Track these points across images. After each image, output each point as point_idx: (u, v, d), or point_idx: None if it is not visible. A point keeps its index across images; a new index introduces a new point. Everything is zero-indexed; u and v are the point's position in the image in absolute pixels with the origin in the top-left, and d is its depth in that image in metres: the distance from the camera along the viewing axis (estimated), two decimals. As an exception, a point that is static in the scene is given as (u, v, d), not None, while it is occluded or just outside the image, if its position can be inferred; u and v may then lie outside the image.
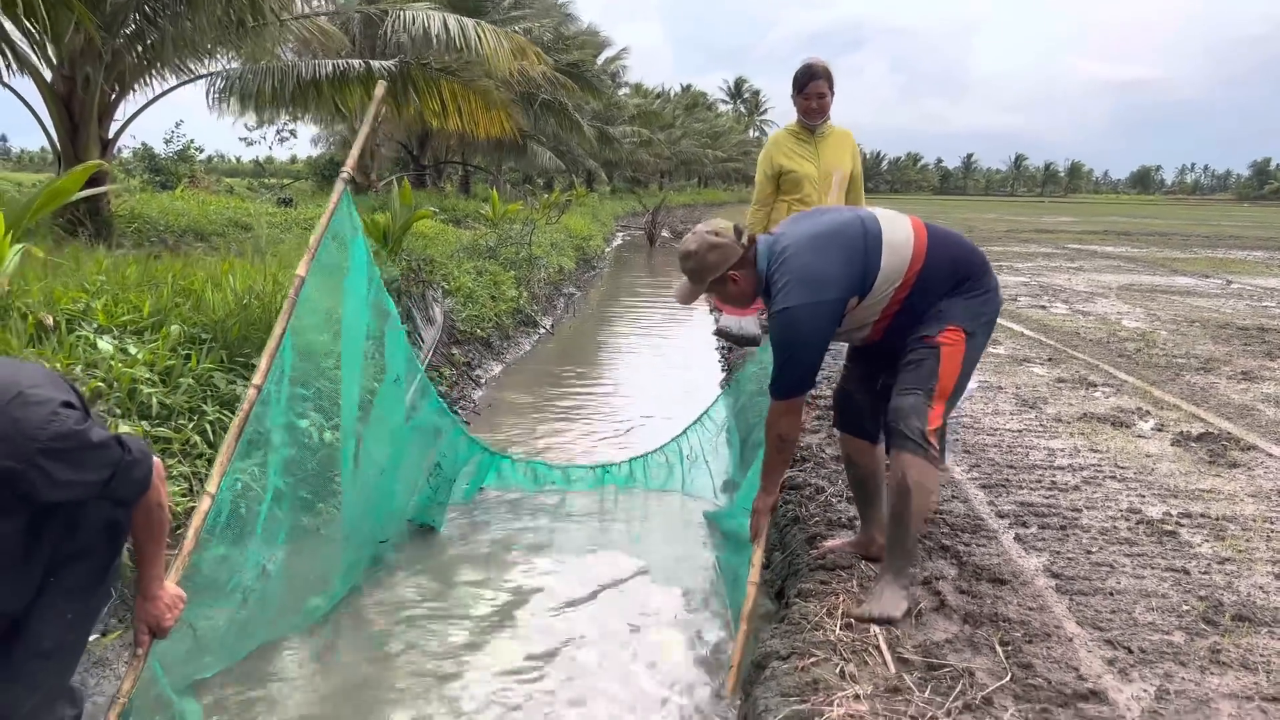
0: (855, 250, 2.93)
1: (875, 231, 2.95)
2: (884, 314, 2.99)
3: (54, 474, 1.87)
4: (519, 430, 6.08)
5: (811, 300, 2.89)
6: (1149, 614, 2.88)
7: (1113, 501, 3.91)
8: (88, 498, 2.04)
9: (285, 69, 10.24)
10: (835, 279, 2.90)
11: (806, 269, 2.91)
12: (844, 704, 2.31)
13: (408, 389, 4.00)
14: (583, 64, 25.05)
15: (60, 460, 1.87)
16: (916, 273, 2.92)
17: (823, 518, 3.75)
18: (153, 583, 2.35)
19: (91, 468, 1.95)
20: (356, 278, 3.48)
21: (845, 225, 3.00)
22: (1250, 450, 4.65)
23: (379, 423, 3.82)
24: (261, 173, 29.58)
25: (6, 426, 1.82)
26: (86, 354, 3.59)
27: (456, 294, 8.18)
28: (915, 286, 2.93)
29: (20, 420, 1.84)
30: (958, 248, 3.04)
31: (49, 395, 1.92)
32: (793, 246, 2.98)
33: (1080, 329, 8.51)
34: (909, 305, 2.95)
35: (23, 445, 1.83)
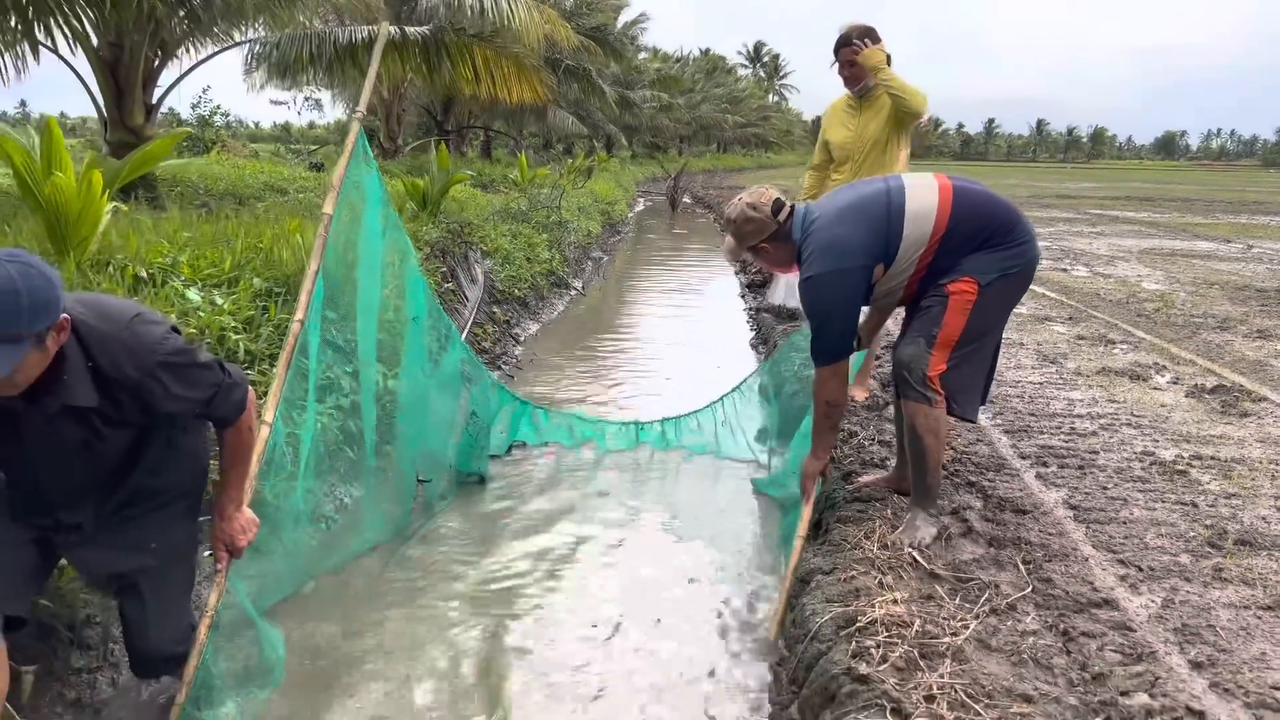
0: (879, 221, 3.06)
1: (899, 203, 3.07)
2: (913, 278, 3.13)
3: (169, 386, 2.14)
4: (557, 385, 6.38)
5: (835, 268, 3.06)
6: (1159, 539, 3.17)
7: (1128, 445, 4.18)
8: (192, 413, 2.30)
9: (322, 35, 10.46)
10: (858, 248, 3.05)
11: (831, 239, 3.08)
12: (883, 606, 2.61)
13: (432, 332, 4.13)
14: (605, 28, 25.10)
15: (174, 373, 2.14)
16: (940, 238, 3.04)
17: (856, 458, 4.04)
18: (229, 504, 2.55)
19: (199, 385, 2.21)
20: (372, 213, 3.54)
21: (871, 197, 3.13)
22: (1261, 401, 4.89)
23: (404, 361, 4.01)
24: (287, 138, 29.88)
25: (130, 341, 2.09)
26: (179, 304, 3.91)
27: (494, 255, 8.47)
28: (940, 250, 3.06)
29: (141, 335, 2.11)
30: (985, 206, 3.10)
31: (161, 319, 2.21)
32: (821, 219, 3.16)
33: (1100, 290, 8.72)
34: (935, 267, 3.08)
35: (145, 358, 2.09)
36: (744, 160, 67.56)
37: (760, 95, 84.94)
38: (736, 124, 67.34)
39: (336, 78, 12.58)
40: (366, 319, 3.67)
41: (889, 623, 2.54)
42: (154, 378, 2.12)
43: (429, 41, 10.42)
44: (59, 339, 1.95)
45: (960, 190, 3.10)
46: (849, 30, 4.44)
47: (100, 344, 2.06)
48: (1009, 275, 3.06)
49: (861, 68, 4.42)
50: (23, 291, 1.83)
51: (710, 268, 13.09)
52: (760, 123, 77.92)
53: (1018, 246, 3.07)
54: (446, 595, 3.41)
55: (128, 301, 2.25)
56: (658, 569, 3.66)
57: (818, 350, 3.21)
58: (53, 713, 2.55)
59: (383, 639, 3.10)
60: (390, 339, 4.09)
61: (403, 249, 3.92)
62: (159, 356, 2.12)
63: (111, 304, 2.17)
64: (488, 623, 3.21)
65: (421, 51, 10.55)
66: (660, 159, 42.57)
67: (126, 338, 2.09)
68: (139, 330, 2.12)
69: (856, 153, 4.59)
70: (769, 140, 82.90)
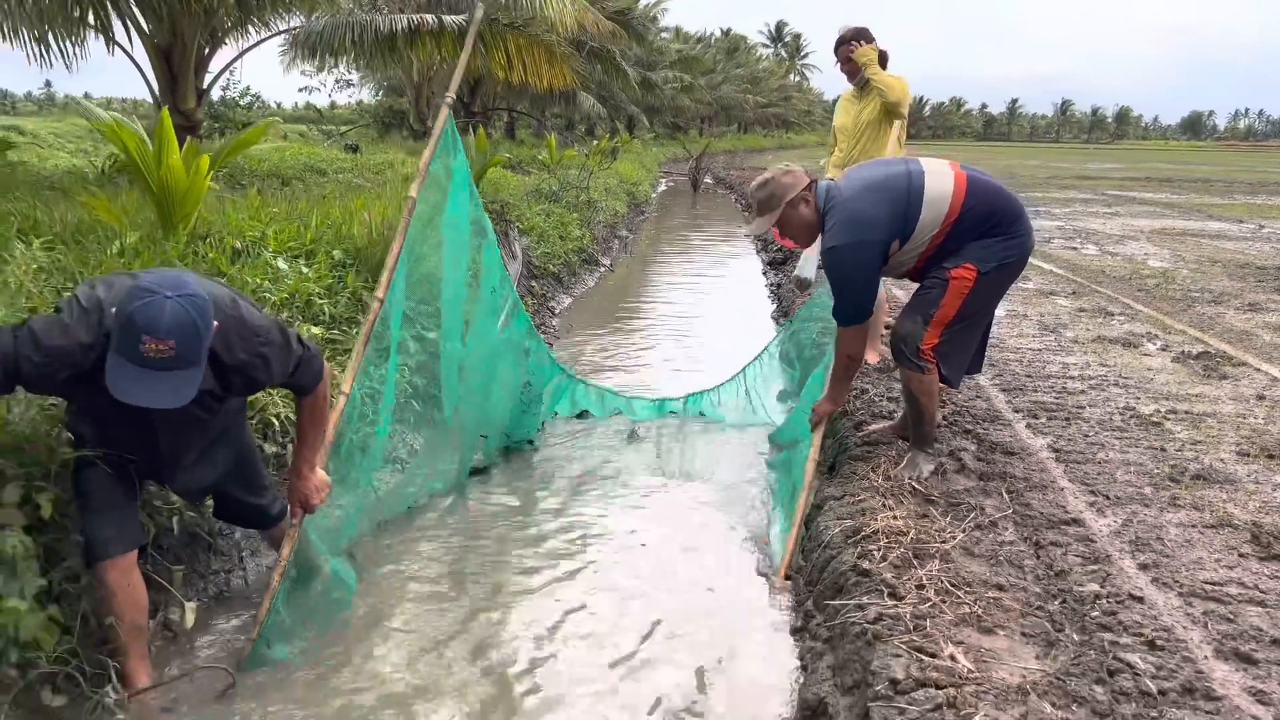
0: (899, 200, 3.34)
1: (919, 185, 3.35)
2: (922, 255, 3.45)
3: (271, 364, 2.50)
4: (592, 354, 6.92)
5: (856, 240, 3.35)
6: (1126, 475, 3.66)
7: (1112, 402, 4.67)
8: (280, 385, 2.67)
9: (364, 23, 10.99)
10: (879, 223, 3.33)
11: (855, 213, 3.36)
12: (884, 520, 3.14)
13: (502, 304, 4.49)
14: (628, 10, 25.48)
15: (272, 351, 2.50)
16: (953, 222, 3.34)
17: (868, 411, 4.55)
18: (305, 465, 2.82)
19: (289, 360, 2.57)
20: (459, 195, 3.85)
21: (894, 177, 3.41)
22: (1240, 366, 5.35)
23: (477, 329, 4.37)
24: (319, 119, 30.51)
25: (239, 326, 2.43)
26: (271, 271, 4.46)
27: (530, 233, 8.99)
28: (950, 234, 3.36)
29: (247, 321, 2.44)
30: (995, 198, 3.41)
31: (253, 302, 2.59)
32: (846, 192, 3.44)
33: (1106, 268, 9.14)
34: (943, 248, 3.40)
35: (251, 341, 2.45)
36: (765, 141, 67.64)
37: (781, 75, 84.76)
38: (757, 104, 67.42)
39: (375, 61, 13.13)
40: (451, 294, 4.05)
41: (888, 533, 3.06)
42: (259, 357, 2.45)
43: (465, 30, 10.92)
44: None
45: (973, 179, 3.41)
46: (846, 32, 5.15)
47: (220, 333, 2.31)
48: (1005, 265, 3.41)
49: (853, 65, 5.09)
50: (199, 322, 2.15)
51: (733, 245, 13.57)
52: (781, 103, 77.94)
53: (1017, 239, 3.41)
54: (502, 536, 3.95)
55: (219, 287, 2.52)
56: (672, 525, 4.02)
57: (839, 313, 3.54)
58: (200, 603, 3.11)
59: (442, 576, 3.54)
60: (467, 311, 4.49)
61: (484, 227, 4.28)
62: (261, 338, 2.45)
63: (213, 289, 2.41)
64: (552, 546, 3.76)
65: (458, 39, 11.06)
66: (682, 140, 42.86)
67: (236, 325, 2.40)
68: (244, 315, 2.44)
69: (853, 134, 5.20)
70: (789, 120, 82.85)
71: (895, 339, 3.54)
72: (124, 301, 2.14)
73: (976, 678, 2.27)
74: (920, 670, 2.30)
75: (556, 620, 3.20)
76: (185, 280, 2.19)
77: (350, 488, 3.57)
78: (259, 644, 2.82)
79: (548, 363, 5.12)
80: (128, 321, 2.10)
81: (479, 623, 3.18)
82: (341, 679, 2.82)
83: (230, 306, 2.41)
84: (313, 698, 2.73)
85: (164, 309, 2.09)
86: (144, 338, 2.08)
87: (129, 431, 2.49)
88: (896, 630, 2.52)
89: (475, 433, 4.56)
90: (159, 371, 2.12)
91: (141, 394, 2.13)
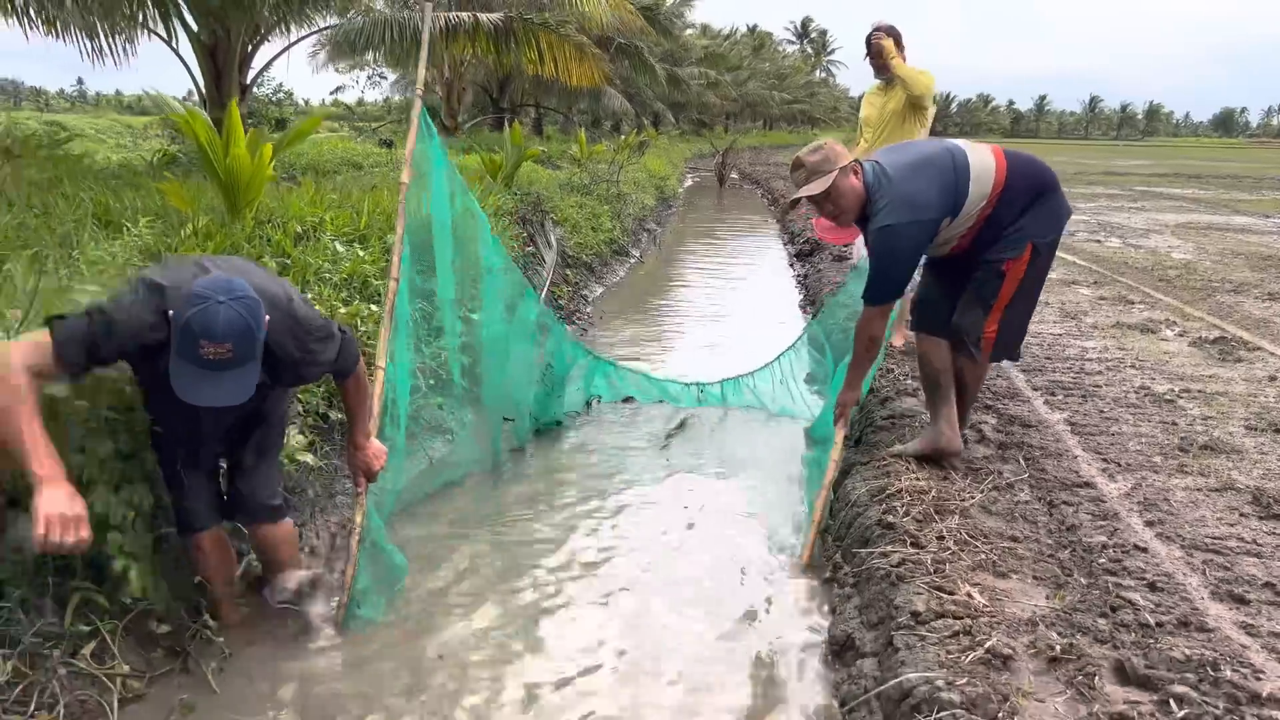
0: (948, 178, 3.38)
1: (964, 162, 3.41)
2: (970, 229, 3.46)
3: (318, 356, 2.65)
4: (624, 339, 7.18)
5: (912, 219, 3.36)
6: (1138, 446, 3.88)
7: (1128, 382, 4.87)
8: (326, 371, 2.82)
9: (402, 21, 11.30)
10: (932, 202, 3.36)
11: (909, 192, 3.36)
12: (908, 481, 3.37)
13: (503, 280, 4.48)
14: (656, 7, 25.74)
15: (320, 344, 2.61)
16: (998, 195, 3.38)
17: (892, 387, 4.78)
18: (360, 435, 2.98)
19: (333, 349, 2.66)
20: (438, 177, 3.87)
21: (938, 156, 3.46)
22: (1256, 350, 5.53)
23: (484, 312, 4.42)
24: (351, 115, 31.05)
25: (293, 324, 2.50)
26: (331, 254, 4.75)
27: (564, 224, 9.27)
28: (998, 206, 3.40)
29: (299, 318, 2.54)
30: (1033, 168, 3.48)
31: (302, 297, 2.72)
32: (895, 172, 3.43)
33: (1129, 259, 9.29)
34: (993, 219, 3.41)
35: (303, 338, 2.54)
36: (790, 137, 67.58)
37: (806, 71, 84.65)
38: (783, 101, 67.43)
39: (401, 59, 13.48)
40: (444, 271, 4.10)
41: (911, 492, 3.30)
42: (309, 351, 2.57)
43: (498, 29, 11.23)
44: None
45: (1010, 153, 3.52)
46: (879, 28, 5.37)
47: (272, 330, 2.40)
48: (1054, 238, 3.48)
49: (884, 57, 5.31)
50: (252, 324, 2.27)
51: (759, 238, 13.79)
52: (807, 99, 77.81)
53: (1058, 205, 3.47)
54: (541, 510, 4.22)
55: (272, 282, 2.60)
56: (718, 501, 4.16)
57: (874, 293, 3.51)
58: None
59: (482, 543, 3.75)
60: (471, 289, 4.59)
61: (471, 209, 4.27)
62: (313, 333, 2.57)
63: (269, 286, 2.51)
64: (585, 524, 4.03)
65: (491, 37, 11.36)
66: (707, 136, 43.06)
67: (289, 322, 2.50)
68: (297, 312, 2.55)
69: (878, 124, 5.44)
70: (815, 117, 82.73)
71: (958, 332, 3.54)
72: (181, 307, 2.25)
73: (990, 611, 2.51)
74: (939, 605, 2.54)
75: (606, 592, 3.42)
76: (237, 283, 2.30)
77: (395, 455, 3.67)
78: (351, 606, 3.01)
79: (568, 345, 5.18)
80: (185, 327, 2.22)
81: (535, 585, 3.45)
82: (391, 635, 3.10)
83: (285, 304, 2.53)
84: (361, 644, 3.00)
85: (218, 315, 2.22)
86: (202, 342, 2.21)
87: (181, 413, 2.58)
88: (918, 573, 2.76)
89: (498, 415, 4.62)
90: (219, 372, 2.27)
91: (205, 394, 2.29)
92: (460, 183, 4.16)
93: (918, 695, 2.20)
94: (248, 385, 2.33)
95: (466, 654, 2.91)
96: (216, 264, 2.54)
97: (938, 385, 3.65)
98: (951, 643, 2.38)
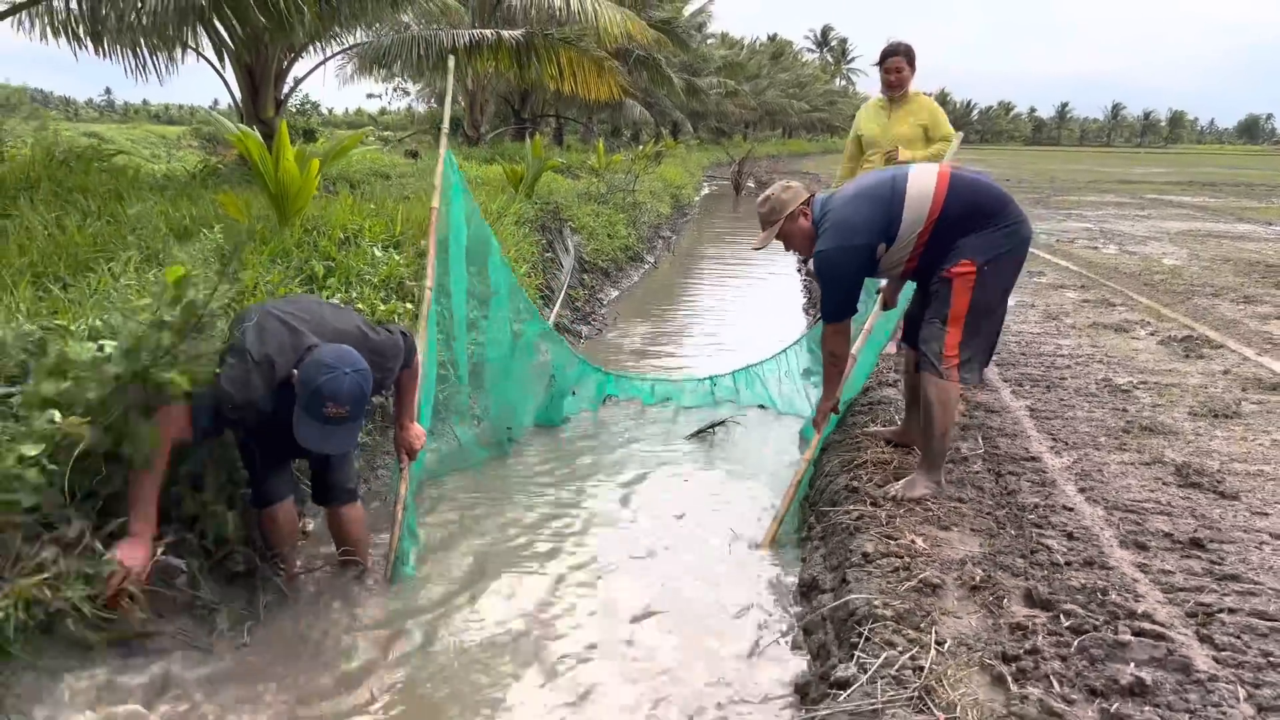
0: (882, 203, 3.52)
1: (901, 189, 3.51)
2: (913, 254, 3.58)
3: (392, 367, 3.18)
4: (637, 340, 7.70)
5: (842, 244, 3.55)
6: (1087, 428, 4.35)
7: (1092, 375, 5.33)
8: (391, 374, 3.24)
9: (429, 38, 11.90)
10: (860, 228, 3.53)
11: (841, 219, 3.57)
12: (873, 454, 3.87)
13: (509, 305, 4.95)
14: (674, 20, 26.32)
15: (394, 359, 3.17)
16: (935, 220, 3.46)
17: (874, 379, 5.27)
18: (405, 416, 3.52)
19: (400, 359, 3.22)
20: (456, 210, 4.39)
21: (878, 185, 3.60)
22: (1219, 348, 5.97)
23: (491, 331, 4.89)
24: (374, 125, 31.96)
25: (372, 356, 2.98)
26: (371, 258, 5.30)
27: (582, 231, 9.81)
28: (934, 231, 3.48)
29: (375, 348, 3.06)
30: (976, 192, 3.50)
31: (363, 319, 3.18)
32: (835, 201, 3.65)
33: (1120, 265, 9.72)
34: (932, 244, 3.51)
35: (381, 361, 3.07)
36: (809, 145, 68.07)
37: (826, 80, 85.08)
38: (802, 109, 67.85)
39: (435, 73, 14.09)
40: (458, 289, 4.61)
41: (876, 462, 3.81)
42: (387, 371, 3.15)
43: (520, 45, 11.81)
44: None
45: (955, 177, 3.52)
46: (900, 44, 5.44)
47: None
48: (1001, 256, 3.46)
49: (902, 77, 5.39)
50: (366, 390, 2.83)
51: (769, 246, 14.26)
52: (826, 107, 78.22)
53: (1007, 228, 3.46)
54: (551, 492, 4.75)
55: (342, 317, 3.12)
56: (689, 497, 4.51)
57: (824, 312, 3.75)
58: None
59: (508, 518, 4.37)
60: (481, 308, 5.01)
61: (484, 237, 4.74)
62: (388, 357, 3.13)
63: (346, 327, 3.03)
64: (590, 503, 4.55)
65: (513, 53, 11.94)
66: (725, 144, 43.60)
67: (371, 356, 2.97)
68: (373, 343, 3.06)
69: (884, 144, 5.48)
70: (834, 125, 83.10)
71: (918, 344, 3.63)
72: (312, 373, 2.78)
73: (928, 554, 3.01)
74: (886, 548, 3.05)
75: (609, 563, 3.98)
76: (352, 355, 2.85)
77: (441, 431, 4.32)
78: (397, 565, 3.53)
79: (574, 360, 5.56)
80: (316, 391, 2.76)
81: (541, 556, 3.98)
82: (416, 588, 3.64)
83: (363, 340, 3.04)
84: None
85: (344, 383, 2.78)
86: (327, 404, 2.77)
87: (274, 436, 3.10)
88: (872, 525, 3.27)
89: (502, 423, 5.07)
90: (337, 426, 2.84)
91: (325, 444, 2.89)
92: (476, 210, 4.67)
93: (860, 613, 2.71)
94: (355, 435, 2.96)
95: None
96: (298, 317, 3.00)
97: (915, 395, 3.90)
98: (892, 576, 2.88)
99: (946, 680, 2.31)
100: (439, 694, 2.90)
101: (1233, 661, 2.38)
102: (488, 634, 3.21)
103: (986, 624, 2.60)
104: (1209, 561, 2.95)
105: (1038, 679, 2.32)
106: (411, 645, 3.14)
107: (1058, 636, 2.50)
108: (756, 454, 5.10)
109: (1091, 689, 2.27)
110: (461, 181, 4.53)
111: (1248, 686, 2.27)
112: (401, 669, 3.01)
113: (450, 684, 2.94)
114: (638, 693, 2.89)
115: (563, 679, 2.97)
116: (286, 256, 4.90)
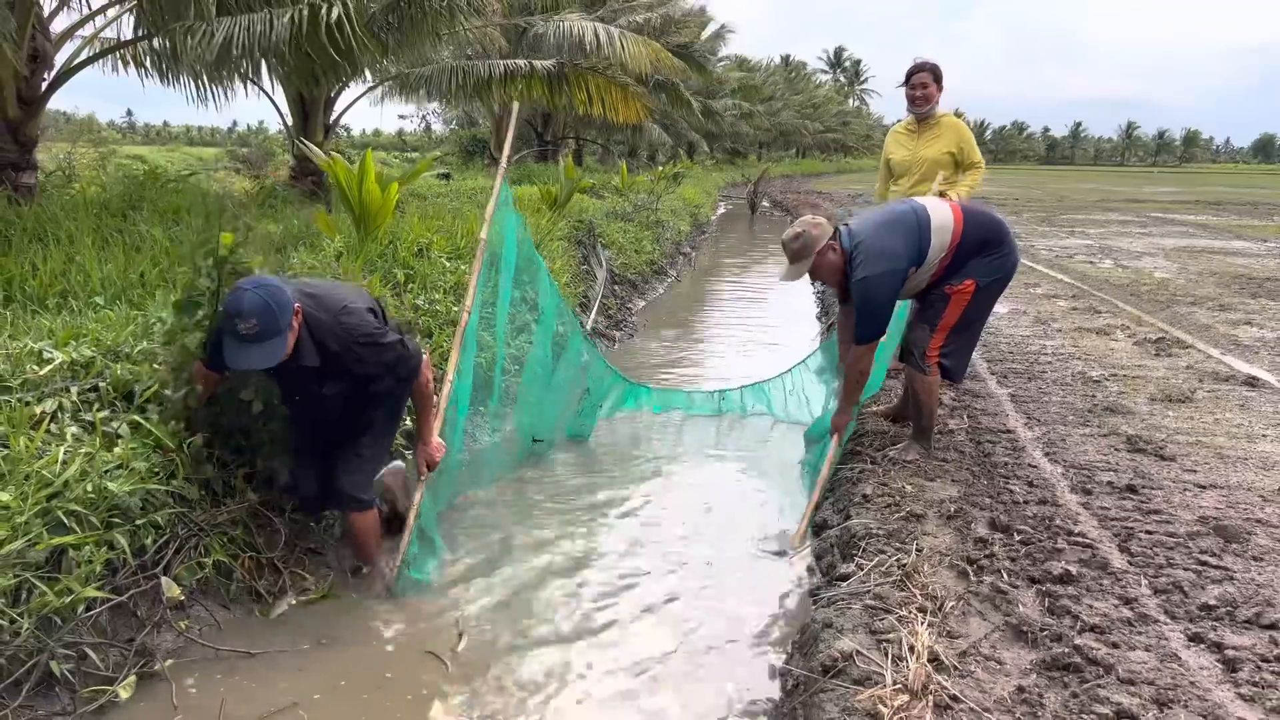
0: (913, 233, 3.97)
1: (926, 219, 3.99)
2: (933, 276, 4.09)
3: (362, 356, 3.18)
4: (662, 346, 8.49)
5: (886, 269, 3.93)
6: (1058, 410, 5.11)
7: (1070, 369, 6.09)
8: (381, 375, 3.30)
9: (467, 68, 12.79)
10: (901, 254, 3.94)
11: (882, 247, 3.95)
12: (873, 424, 4.66)
13: (557, 324, 5.32)
14: (691, 45, 27.27)
15: (364, 348, 3.18)
16: (955, 245, 3.98)
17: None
18: (424, 431, 3.66)
19: (382, 356, 3.24)
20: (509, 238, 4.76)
21: (904, 215, 4.04)
22: (1188, 348, 6.71)
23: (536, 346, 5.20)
24: (403, 147, 33.15)
25: (336, 327, 3.11)
26: (440, 267, 6.12)
27: (611, 247, 10.65)
28: (955, 255, 4.00)
29: (346, 324, 3.15)
30: (986, 224, 4.08)
31: (360, 306, 3.23)
32: (866, 231, 4.04)
33: (1112, 278, 10.46)
34: (950, 268, 4.03)
35: (344, 338, 3.13)
36: (823, 165, 69.00)
37: (839, 101, 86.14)
38: (816, 130, 68.79)
39: (468, 100, 15.01)
40: (501, 311, 5.08)
41: (875, 432, 4.58)
42: (351, 351, 3.16)
43: (552, 74, 12.71)
44: (297, 322, 3.01)
45: (967, 210, 4.14)
46: (927, 61, 5.41)
47: (319, 328, 3.09)
48: (997, 280, 4.10)
49: (928, 93, 5.35)
50: (271, 304, 2.85)
51: (784, 262, 15.04)
52: (840, 128, 79.24)
53: (1004, 255, 4.06)
54: (577, 497, 5.53)
55: (336, 292, 3.27)
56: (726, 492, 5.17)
57: (863, 333, 4.09)
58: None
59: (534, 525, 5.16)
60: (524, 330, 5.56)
61: (537, 265, 5.14)
62: (355, 338, 3.15)
63: (329, 298, 3.17)
64: (618, 507, 5.33)
65: (545, 82, 12.84)
66: (740, 165, 44.54)
67: (334, 325, 3.13)
68: (343, 320, 3.15)
69: (914, 168, 5.52)
70: (848, 145, 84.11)
71: (907, 344, 4.26)
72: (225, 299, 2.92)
73: (915, 495, 3.79)
74: (881, 491, 3.82)
75: (639, 550, 4.76)
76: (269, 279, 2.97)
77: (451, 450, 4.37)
78: (402, 568, 3.57)
79: (609, 374, 5.83)
80: (224, 310, 2.90)
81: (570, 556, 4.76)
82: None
83: (336, 310, 3.16)
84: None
85: (243, 298, 2.86)
86: (235, 320, 2.86)
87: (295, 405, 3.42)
88: (871, 478, 4.04)
89: (529, 435, 5.27)
90: (252, 344, 2.89)
91: (243, 360, 2.94)
92: (529, 242, 5.05)
93: (860, 534, 3.49)
94: (276, 354, 2.94)
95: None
96: (309, 283, 3.34)
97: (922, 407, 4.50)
98: (885, 510, 3.66)
99: (923, 573, 3.09)
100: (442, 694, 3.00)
101: (1142, 563, 3.15)
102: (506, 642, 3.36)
103: (957, 540, 3.38)
104: (1138, 501, 3.72)
105: (991, 572, 3.09)
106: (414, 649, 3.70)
107: (1010, 547, 3.27)
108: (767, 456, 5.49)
109: (1031, 578, 3.04)
110: (516, 212, 4.88)
111: (1150, 578, 3.03)
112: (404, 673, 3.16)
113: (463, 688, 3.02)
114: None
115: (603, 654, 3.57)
116: (370, 265, 5.72)
